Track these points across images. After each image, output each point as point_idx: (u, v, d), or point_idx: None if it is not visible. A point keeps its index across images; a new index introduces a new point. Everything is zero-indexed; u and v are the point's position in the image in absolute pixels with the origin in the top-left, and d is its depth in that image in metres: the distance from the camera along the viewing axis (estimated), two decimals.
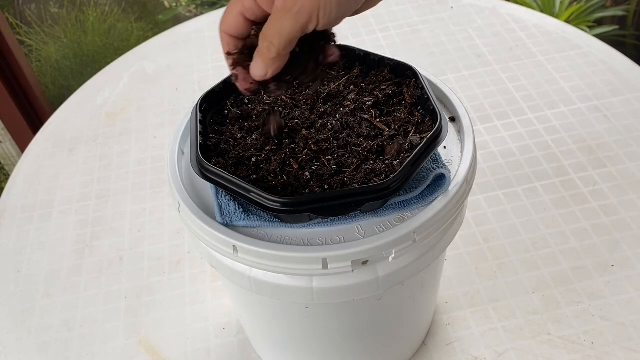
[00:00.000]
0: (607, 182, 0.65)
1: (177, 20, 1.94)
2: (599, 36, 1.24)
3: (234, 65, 0.36)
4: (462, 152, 0.39)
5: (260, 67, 0.34)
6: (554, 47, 0.85)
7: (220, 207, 0.36)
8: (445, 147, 0.40)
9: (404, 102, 0.41)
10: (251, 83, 0.36)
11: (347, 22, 0.98)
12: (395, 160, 0.36)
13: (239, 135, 0.40)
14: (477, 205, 0.64)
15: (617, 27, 1.48)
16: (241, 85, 0.36)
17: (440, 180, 0.37)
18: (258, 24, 0.34)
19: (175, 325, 0.57)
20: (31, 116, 1.21)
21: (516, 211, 0.63)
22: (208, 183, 0.37)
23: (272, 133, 0.39)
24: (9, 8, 1.86)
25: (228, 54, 0.35)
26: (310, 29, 0.32)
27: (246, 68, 0.35)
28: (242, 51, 0.35)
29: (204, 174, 0.36)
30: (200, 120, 0.39)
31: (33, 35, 1.78)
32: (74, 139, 0.79)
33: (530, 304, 0.55)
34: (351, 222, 0.36)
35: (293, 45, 0.33)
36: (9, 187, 0.73)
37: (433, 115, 0.38)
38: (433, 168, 0.37)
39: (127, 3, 1.92)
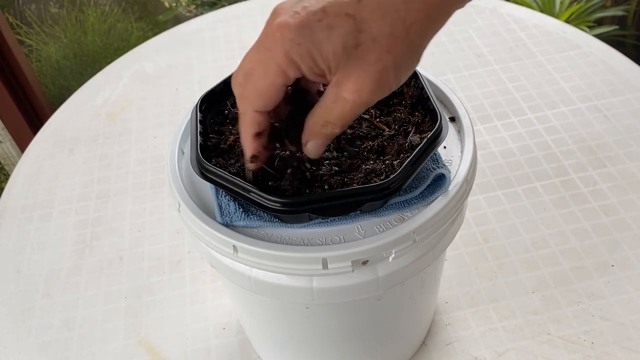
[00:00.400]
0: (607, 182, 0.65)
1: (177, 20, 1.94)
2: (599, 36, 1.24)
3: (259, 156, 0.33)
4: (462, 152, 0.39)
5: (321, 147, 0.33)
6: (554, 47, 0.85)
7: (220, 207, 0.36)
8: (445, 147, 0.40)
9: (404, 102, 0.41)
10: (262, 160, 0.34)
11: None
12: (395, 160, 0.36)
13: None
14: (477, 205, 0.64)
15: (617, 27, 1.48)
16: (256, 166, 0.34)
17: (440, 180, 0.37)
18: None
19: (175, 325, 0.57)
20: (31, 116, 1.21)
21: (516, 211, 0.63)
22: (208, 183, 0.37)
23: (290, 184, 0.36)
24: (9, 8, 1.86)
25: (258, 134, 0.32)
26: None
27: (268, 149, 0.34)
28: (278, 134, 0.33)
29: (204, 174, 0.36)
30: (200, 120, 0.39)
31: (33, 35, 1.78)
32: (74, 139, 0.79)
33: (530, 304, 0.55)
34: (351, 222, 0.36)
35: None
36: (9, 187, 0.73)
37: (433, 115, 0.38)
38: (433, 168, 0.37)
39: (127, 3, 1.92)
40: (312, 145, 0.33)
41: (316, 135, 0.32)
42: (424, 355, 0.53)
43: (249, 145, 0.33)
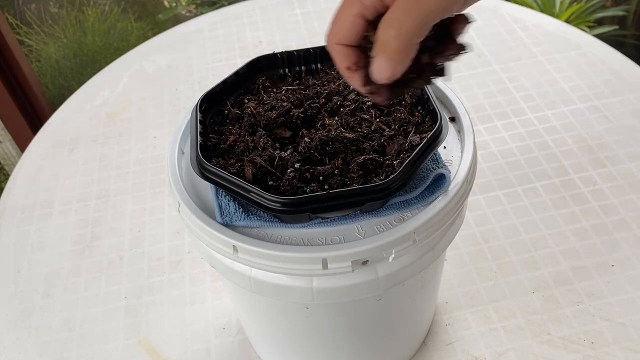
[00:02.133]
0: (607, 182, 0.65)
1: (177, 20, 1.93)
2: (599, 36, 1.24)
3: (365, 81, 0.30)
4: (462, 152, 0.39)
5: (385, 67, 0.28)
6: (554, 47, 0.85)
7: (220, 207, 0.36)
8: (445, 147, 0.40)
9: (404, 102, 0.41)
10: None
11: None
12: (395, 160, 0.36)
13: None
14: (477, 205, 0.64)
15: (617, 27, 1.48)
16: (382, 99, 0.31)
17: (440, 180, 0.37)
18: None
19: (175, 325, 0.57)
20: (31, 116, 1.21)
21: (516, 211, 0.63)
22: (208, 183, 0.37)
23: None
24: (9, 8, 1.86)
25: (349, 69, 0.30)
26: (455, 11, 0.27)
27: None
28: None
29: (204, 174, 0.36)
30: (200, 120, 0.39)
31: (33, 35, 1.78)
32: (74, 139, 0.79)
33: (530, 304, 0.55)
34: (351, 222, 0.36)
35: (426, 32, 0.27)
36: (9, 187, 0.73)
37: (433, 115, 0.38)
38: (433, 168, 0.37)
39: (127, 3, 1.92)
40: (375, 64, 0.29)
41: (380, 47, 0.28)
42: (424, 355, 0.53)
43: (351, 80, 0.31)
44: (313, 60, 0.45)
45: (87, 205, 0.69)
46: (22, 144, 1.21)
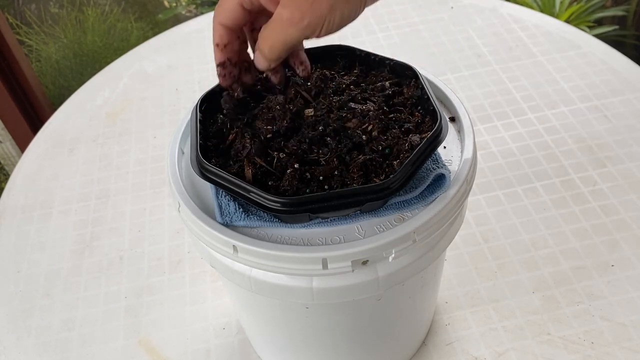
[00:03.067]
0: (607, 182, 0.65)
1: (177, 20, 1.94)
2: (599, 36, 1.24)
3: (224, 65, 0.39)
4: (462, 152, 0.39)
5: (263, 62, 0.38)
6: (554, 47, 0.85)
7: (220, 207, 0.36)
8: (445, 147, 0.40)
9: (404, 102, 0.41)
10: (235, 81, 0.40)
11: None
12: (395, 160, 0.36)
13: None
14: (477, 205, 0.64)
15: (617, 27, 1.48)
16: (224, 79, 0.39)
17: (440, 180, 0.37)
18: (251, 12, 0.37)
19: (175, 325, 0.57)
20: (31, 116, 1.21)
21: (516, 211, 0.63)
22: (208, 183, 0.37)
23: None
24: (9, 8, 1.86)
25: (217, 46, 0.38)
26: (310, 38, 0.35)
27: (235, 65, 0.39)
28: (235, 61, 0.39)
29: (203, 174, 0.36)
30: (200, 120, 0.39)
31: (33, 35, 1.78)
32: (74, 139, 0.79)
33: (530, 304, 0.55)
34: (351, 222, 0.36)
35: (291, 50, 0.37)
36: (9, 187, 0.73)
37: (433, 115, 0.38)
38: (433, 168, 0.37)
39: (127, 3, 1.92)
40: (256, 58, 0.38)
41: (260, 52, 0.37)
42: (424, 355, 0.53)
43: (215, 54, 0.39)
44: (313, 60, 0.45)
45: (87, 205, 0.69)
46: (22, 144, 1.21)
